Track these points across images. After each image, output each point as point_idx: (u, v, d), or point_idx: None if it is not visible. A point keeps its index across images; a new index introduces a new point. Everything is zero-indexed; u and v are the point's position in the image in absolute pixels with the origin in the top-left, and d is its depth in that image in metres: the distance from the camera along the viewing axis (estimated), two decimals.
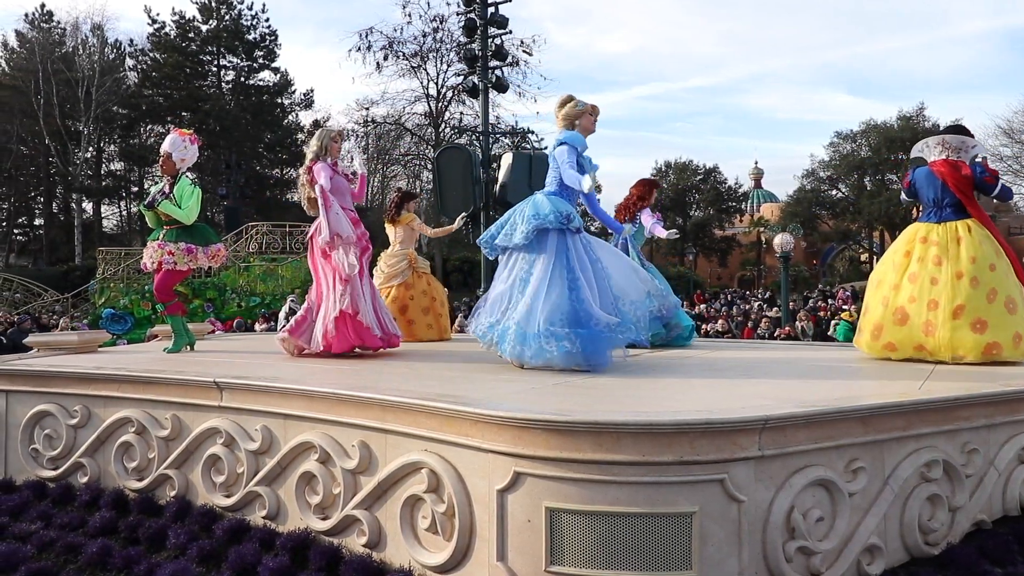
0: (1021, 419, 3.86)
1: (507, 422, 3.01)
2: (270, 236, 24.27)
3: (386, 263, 7.77)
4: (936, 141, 5.32)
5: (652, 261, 8.59)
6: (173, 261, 6.21)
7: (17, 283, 25.48)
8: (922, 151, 5.44)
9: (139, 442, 4.55)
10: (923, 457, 3.41)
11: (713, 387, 4.17)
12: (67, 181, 39.46)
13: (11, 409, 5.08)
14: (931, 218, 5.20)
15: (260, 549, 3.66)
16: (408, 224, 7.85)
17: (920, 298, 4.96)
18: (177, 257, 6.22)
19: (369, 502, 3.56)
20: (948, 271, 4.91)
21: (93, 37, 40.03)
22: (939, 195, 5.17)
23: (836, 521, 3.13)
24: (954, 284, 4.87)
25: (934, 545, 3.44)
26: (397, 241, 7.87)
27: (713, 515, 2.86)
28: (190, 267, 6.40)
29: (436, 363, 5.46)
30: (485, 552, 3.09)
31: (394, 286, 7.65)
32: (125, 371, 4.80)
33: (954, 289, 4.85)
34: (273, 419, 4.03)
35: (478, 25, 14.63)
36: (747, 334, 15.30)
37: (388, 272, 7.69)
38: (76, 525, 4.25)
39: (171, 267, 6.23)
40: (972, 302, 4.81)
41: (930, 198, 5.22)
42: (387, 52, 33.50)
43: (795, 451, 3.03)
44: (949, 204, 5.13)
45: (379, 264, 7.77)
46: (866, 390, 4.06)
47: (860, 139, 50.01)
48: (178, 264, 6.24)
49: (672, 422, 2.87)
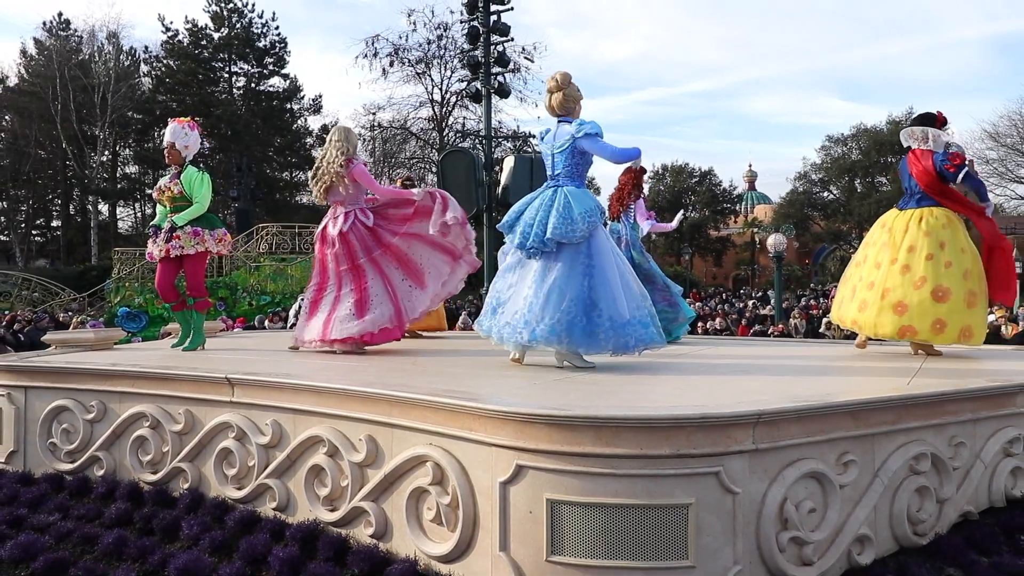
0: (1006, 414, 3.86)
1: (509, 417, 3.01)
2: (280, 237, 24.27)
3: None
4: (907, 131, 5.48)
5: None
6: (180, 246, 6.02)
7: (36, 282, 25.53)
8: (905, 139, 5.58)
9: (153, 436, 4.56)
10: (912, 450, 3.41)
11: (709, 383, 4.17)
12: (84, 184, 39.53)
13: (30, 404, 5.09)
14: (903, 205, 5.38)
15: (271, 540, 3.67)
16: None
17: (865, 278, 5.25)
18: (184, 242, 6.02)
19: (376, 494, 3.56)
20: (887, 256, 5.16)
21: (109, 45, 40.10)
22: (910, 184, 5.32)
23: (828, 512, 3.13)
24: (888, 269, 5.11)
25: (922, 535, 3.44)
26: None
27: (709, 507, 2.86)
28: (198, 250, 6.10)
29: (441, 360, 5.46)
30: (488, 542, 3.09)
31: None
32: (140, 368, 4.81)
33: (887, 273, 5.10)
34: (283, 414, 4.04)
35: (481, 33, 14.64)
36: (742, 331, 15.30)
37: None
38: (92, 516, 4.26)
39: (179, 252, 6.03)
40: (899, 287, 5.02)
41: (905, 186, 5.41)
42: (393, 59, 33.62)
43: (788, 444, 3.03)
44: (915, 194, 5.28)
45: None
46: (857, 385, 4.06)
47: (851, 143, 49.97)
48: (185, 248, 6.02)
49: (669, 417, 2.87)
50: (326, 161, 5.86)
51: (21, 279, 25.62)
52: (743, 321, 16.84)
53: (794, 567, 3.00)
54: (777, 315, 17.45)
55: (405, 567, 3.25)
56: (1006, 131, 44.66)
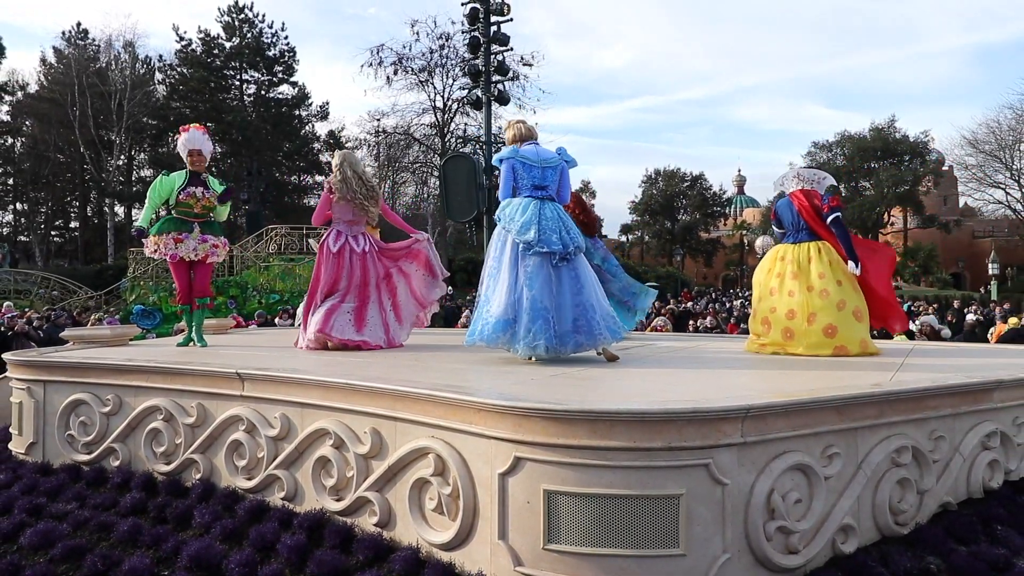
0: (984, 408, 3.86)
1: (508, 411, 3.01)
2: (288, 238, 24.22)
3: None
4: (793, 174, 5.76)
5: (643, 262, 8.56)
6: (218, 254, 6.29)
7: (54, 281, 25.52)
8: (782, 184, 5.90)
9: (167, 429, 4.55)
10: (894, 443, 3.41)
11: (700, 378, 4.17)
12: (100, 187, 39.50)
13: (48, 398, 5.08)
14: (789, 239, 5.55)
15: (279, 528, 3.66)
16: None
17: (779, 308, 5.34)
18: (220, 251, 6.33)
19: (380, 484, 3.55)
20: (801, 285, 5.27)
21: (125, 53, 40.11)
22: (795, 220, 5.51)
23: (813, 503, 3.13)
24: (807, 296, 5.22)
25: (904, 525, 3.44)
26: None
27: (699, 497, 2.86)
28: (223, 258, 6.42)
29: (442, 357, 5.46)
30: (487, 531, 3.09)
31: None
32: (154, 363, 4.80)
33: (808, 300, 5.22)
34: (291, 407, 4.03)
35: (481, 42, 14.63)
36: (731, 329, 15.27)
37: None
38: (108, 505, 4.25)
39: (216, 259, 6.30)
40: (823, 311, 5.16)
41: (789, 222, 5.57)
42: (397, 67, 33.57)
43: (775, 438, 3.03)
44: (803, 228, 5.47)
45: None
46: (841, 380, 4.06)
47: (836, 149, 50.07)
48: (220, 256, 6.33)
49: (661, 411, 2.87)
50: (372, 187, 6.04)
51: (41, 278, 25.62)
52: (732, 319, 16.82)
53: (781, 555, 3.00)
54: None
55: (408, 554, 3.25)
56: (984, 138, 44.78)
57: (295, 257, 23.23)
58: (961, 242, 53.95)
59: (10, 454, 5.32)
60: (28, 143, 40.29)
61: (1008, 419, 4.00)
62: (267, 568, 3.32)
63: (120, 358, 5.08)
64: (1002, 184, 45.79)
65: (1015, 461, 4.04)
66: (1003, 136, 44.50)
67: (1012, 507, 3.80)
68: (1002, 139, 44.56)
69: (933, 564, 3.20)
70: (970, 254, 53.42)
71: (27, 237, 42.12)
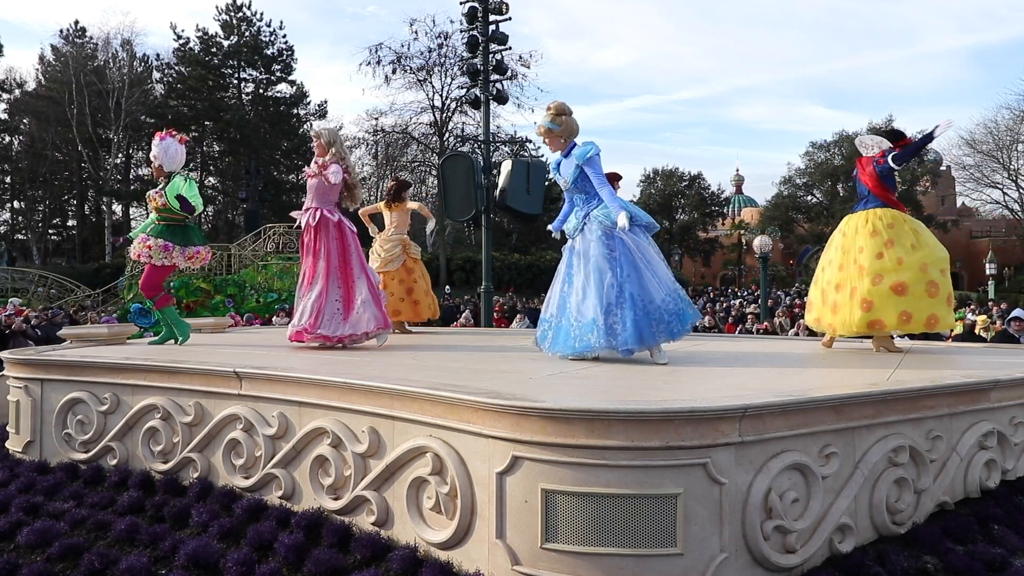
0: (981, 408, 3.87)
1: (506, 410, 3.01)
2: (286, 237, 24.20)
3: (382, 247, 7.74)
4: (860, 140, 5.67)
5: None
6: (149, 255, 5.98)
7: (52, 280, 25.47)
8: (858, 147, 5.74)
9: (164, 427, 4.55)
10: (891, 443, 3.41)
11: (697, 378, 4.16)
12: (98, 185, 39.43)
13: (46, 396, 5.07)
14: (856, 208, 5.49)
15: (277, 527, 3.66)
16: (408, 210, 7.89)
17: (832, 281, 5.32)
18: (153, 252, 5.97)
19: (378, 483, 3.55)
20: (848, 258, 5.25)
21: (123, 52, 40.02)
22: (860, 188, 5.48)
23: (810, 502, 3.13)
24: (851, 269, 5.20)
25: (901, 524, 3.44)
26: (392, 225, 7.84)
27: (697, 496, 2.86)
28: (164, 263, 6.02)
29: (440, 355, 5.45)
30: (485, 530, 3.09)
31: (396, 269, 7.65)
32: (151, 361, 4.79)
33: (849, 274, 5.20)
34: (289, 406, 4.03)
35: (480, 42, 14.59)
36: (729, 329, 15.29)
37: (384, 257, 7.67)
38: (106, 504, 4.25)
39: (147, 260, 6.01)
40: (861, 285, 5.10)
41: (858, 191, 5.53)
42: (395, 66, 33.47)
43: (772, 437, 3.03)
44: (866, 195, 5.41)
45: (374, 248, 7.76)
46: (839, 380, 4.06)
47: (833, 148, 50.02)
48: (153, 259, 5.97)
49: (659, 410, 2.87)
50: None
51: (38, 276, 25.56)
52: (729, 319, 16.85)
53: (778, 554, 3.00)
54: (763, 313, 17.46)
55: (406, 553, 3.25)
56: (982, 138, 44.77)
57: (293, 256, 23.21)
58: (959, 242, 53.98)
59: (7, 452, 5.31)
60: (26, 141, 40.20)
61: (1005, 419, 4.01)
62: (265, 567, 3.32)
63: (117, 356, 5.07)
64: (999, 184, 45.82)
65: (1012, 461, 4.05)
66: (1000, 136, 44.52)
67: (1009, 507, 3.81)
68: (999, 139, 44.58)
69: (930, 563, 3.20)
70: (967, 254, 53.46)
71: (24, 235, 42.02)
